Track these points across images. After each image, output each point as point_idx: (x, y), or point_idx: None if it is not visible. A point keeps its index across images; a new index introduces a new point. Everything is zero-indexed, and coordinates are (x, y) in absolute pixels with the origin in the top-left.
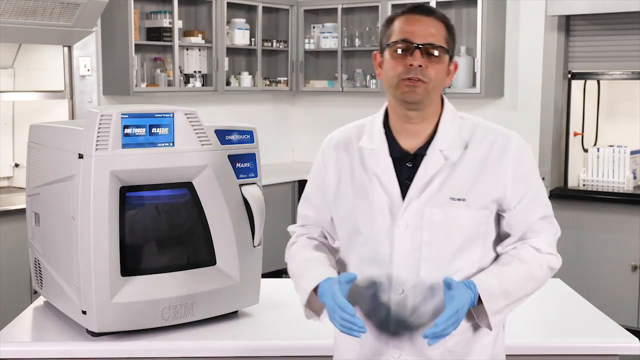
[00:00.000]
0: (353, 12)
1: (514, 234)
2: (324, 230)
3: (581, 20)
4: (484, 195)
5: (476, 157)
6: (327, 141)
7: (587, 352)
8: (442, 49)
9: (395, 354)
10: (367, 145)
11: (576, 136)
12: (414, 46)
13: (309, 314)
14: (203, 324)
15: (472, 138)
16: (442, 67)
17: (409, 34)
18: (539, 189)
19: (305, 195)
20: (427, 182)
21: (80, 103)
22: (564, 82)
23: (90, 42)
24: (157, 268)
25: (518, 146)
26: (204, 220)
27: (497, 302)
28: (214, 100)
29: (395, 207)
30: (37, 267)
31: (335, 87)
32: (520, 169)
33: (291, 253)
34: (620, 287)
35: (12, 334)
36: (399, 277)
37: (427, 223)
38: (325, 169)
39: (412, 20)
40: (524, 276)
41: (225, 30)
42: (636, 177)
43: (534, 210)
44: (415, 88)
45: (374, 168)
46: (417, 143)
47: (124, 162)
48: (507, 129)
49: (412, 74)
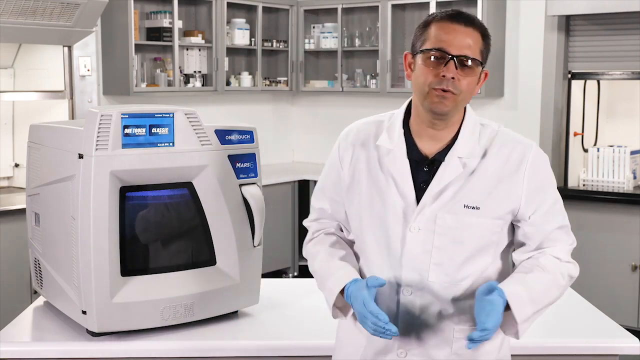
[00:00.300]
0: (353, 12)
1: (530, 243)
2: (340, 224)
3: (581, 20)
4: (499, 205)
5: (493, 167)
6: (343, 135)
7: (587, 352)
8: (476, 61)
9: (401, 354)
10: (386, 144)
11: (576, 136)
12: (448, 57)
13: (335, 313)
14: (203, 324)
15: (491, 146)
16: (473, 79)
17: (444, 44)
18: (556, 200)
19: (320, 188)
20: (443, 188)
21: (80, 103)
22: (564, 82)
23: (90, 42)
24: (157, 268)
25: (535, 157)
26: (204, 220)
27: (525, 310)
28: (214, 100)
29: (409, 210)
30: (37, 267)
31: (335, 87)
32: (536, 180)
33: (311, 251)
34: (620, 287)
35: (12, 334)
36: (407, 278)
37: (440, 228)
38: (341, 164)
39: (450, 29)
40: (548, 284)
41: (225, 30)
42: (636, 177)
43: (551, 220)
44: (444, 100)
45: (391, 169)
46: (436, 148)
47: (124, 162)
48: (527, 139)
49: (443, 85)
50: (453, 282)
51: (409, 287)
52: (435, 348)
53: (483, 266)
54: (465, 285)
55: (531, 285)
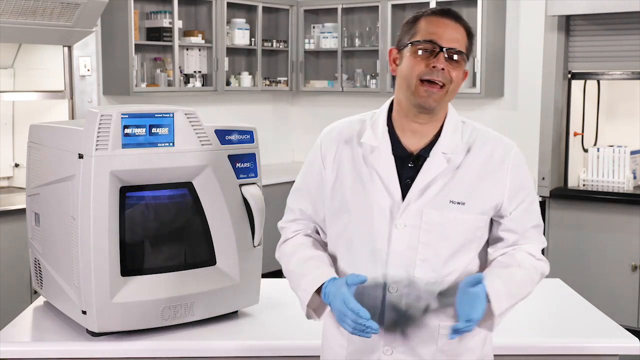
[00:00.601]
0: (353, 12)
1: (508, 239)
2: (317, 225)
3: (581, 20)
4: (483, 200)
5: (477, 163)
6: (326, 133)
7: (587, 352)
8: (463, 56)
9: (387, 351)
10: (371, 141)
11: (576, 136)
12: (439, 48)
13: (310, 313)
14: (203, 324)
15: (474, 143)
16: (460, 73)
17: (435, 36)
18: (534, 199)
19: (298, 188)
20: (429, 184)
21: (80, 103)
22: (564, 82)
23: (90, 42)
24: (157, 268)
25: (517, 155)
26: (204, 220)
27: (502, 304)
28: (214, 100)
29: (395, 206)
30: (37, 267)
31: (335, 87)
32: (518, 177)
33: (286, 251)
34: (620, 287)
35: (12, 334)
36: (393, 275)
37: (425, 224)
38: (323, 162)
39: (440, 23)
40: (523, 279)
41: (225, 30)
42: (636, 177)
43: (529, 218)
44: (432, 94)
45: (376, 165)
46: (421, 144)
47: (124, 162)
48: (505, 137)
49: (434, 76)
50: (439, 278)
51: (395, 284)
52: (421, 345)
53: (467, 262)
54: (450, 281)
55: (509, 279)
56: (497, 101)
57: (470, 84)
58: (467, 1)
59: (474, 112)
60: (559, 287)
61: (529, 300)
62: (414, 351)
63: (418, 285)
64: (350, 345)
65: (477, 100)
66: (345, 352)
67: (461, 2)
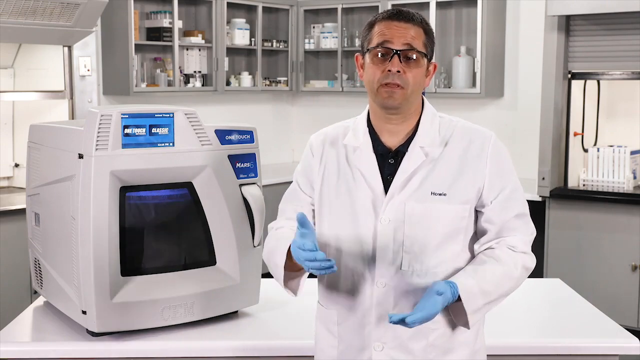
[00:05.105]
0: (353, 12)
1: (490, 231)
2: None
3: (581, 20)
4: (464, 190)
5: (456, 154)
6: (314, 137)
7: (587, 352)
8: (421, 54)
9: (377, 347)
10: (352, 142)
11: (576, 136)
12: (392, 52)
13: (288, 291)
14: (203, 324)
15: (452, 136)
16: (420, 71)
17: (387, 40)
18: (516, 188)
19: (293, 190)
20: (409, 177)
21: (80, 103)
22: (564, 82)
23: (90, 42)
24: (157, 268)
25: (495, 144)
26: (204, 220)
27: (475, 302)
28: (214, 100)
29: (378, 201)
30: (37, 267)
31: (335, 87)
32: (497, 165)
33: (269, 239)
34: (620, 287)
35: (12, 334)
36: (381, 270)
37: (409, 217)
38: (314, 164)
39: (391, 26)
40: (501, 276)
41: (225, 30)
42: (636, 177)
43: (510, 207)
44: (393, 94)
45: (358, 164)
46: (399, 141)
47: (124, 162)
48: (485, 128)
49: (390, 79)
50: (426, 271)
51: (383, 279)
52: (412, 340)
53: (454, 254)
54: (438, 272)
55: (483, 277)
56: (497, 101)
57: (470, 84)
58: (467, 1)
59: (474, 112)
60: (559, 287)
61: (529, 300)
62: (405, 346)
63: (405, 280)
64: (341, 344)
65: (477, 100)
66: (337, 352)
67: (461, 2)
